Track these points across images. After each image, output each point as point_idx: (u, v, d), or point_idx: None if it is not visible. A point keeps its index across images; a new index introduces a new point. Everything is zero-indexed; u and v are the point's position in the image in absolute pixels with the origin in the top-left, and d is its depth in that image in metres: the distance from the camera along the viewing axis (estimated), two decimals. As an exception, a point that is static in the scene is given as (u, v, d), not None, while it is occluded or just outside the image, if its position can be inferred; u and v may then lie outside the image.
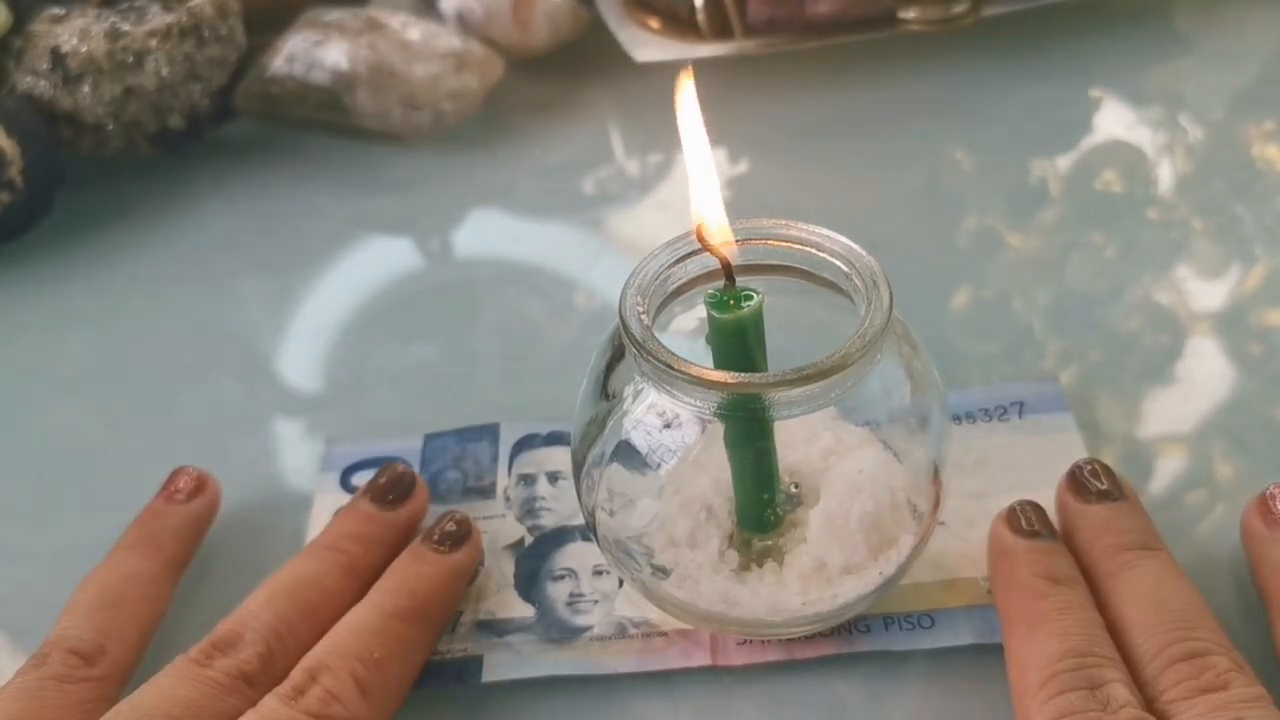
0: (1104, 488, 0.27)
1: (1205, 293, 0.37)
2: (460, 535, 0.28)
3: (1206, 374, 0.34)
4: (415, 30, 0.46)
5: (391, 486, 0.29)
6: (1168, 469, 0.31)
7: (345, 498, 0.31)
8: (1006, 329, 0.36)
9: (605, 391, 0.25)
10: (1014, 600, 0.25)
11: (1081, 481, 0.27)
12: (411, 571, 0.27)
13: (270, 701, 0.24)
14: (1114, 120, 0.45)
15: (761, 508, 0.26)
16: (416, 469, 0.32)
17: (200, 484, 0.30)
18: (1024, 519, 0.27)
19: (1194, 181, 0.42)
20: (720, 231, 0.24)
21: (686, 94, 0.24)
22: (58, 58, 0.43)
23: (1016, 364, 0.35)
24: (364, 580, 0.27)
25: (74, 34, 0.43)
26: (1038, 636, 0.24)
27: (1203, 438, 0.32)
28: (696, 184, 0.24)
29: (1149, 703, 0.23)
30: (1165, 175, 0.42)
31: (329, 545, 0.28)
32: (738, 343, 0.23)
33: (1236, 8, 0.51)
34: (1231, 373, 0.34)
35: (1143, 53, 0.49)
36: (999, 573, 0.26)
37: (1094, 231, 0.40)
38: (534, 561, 0.29)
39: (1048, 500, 0.28)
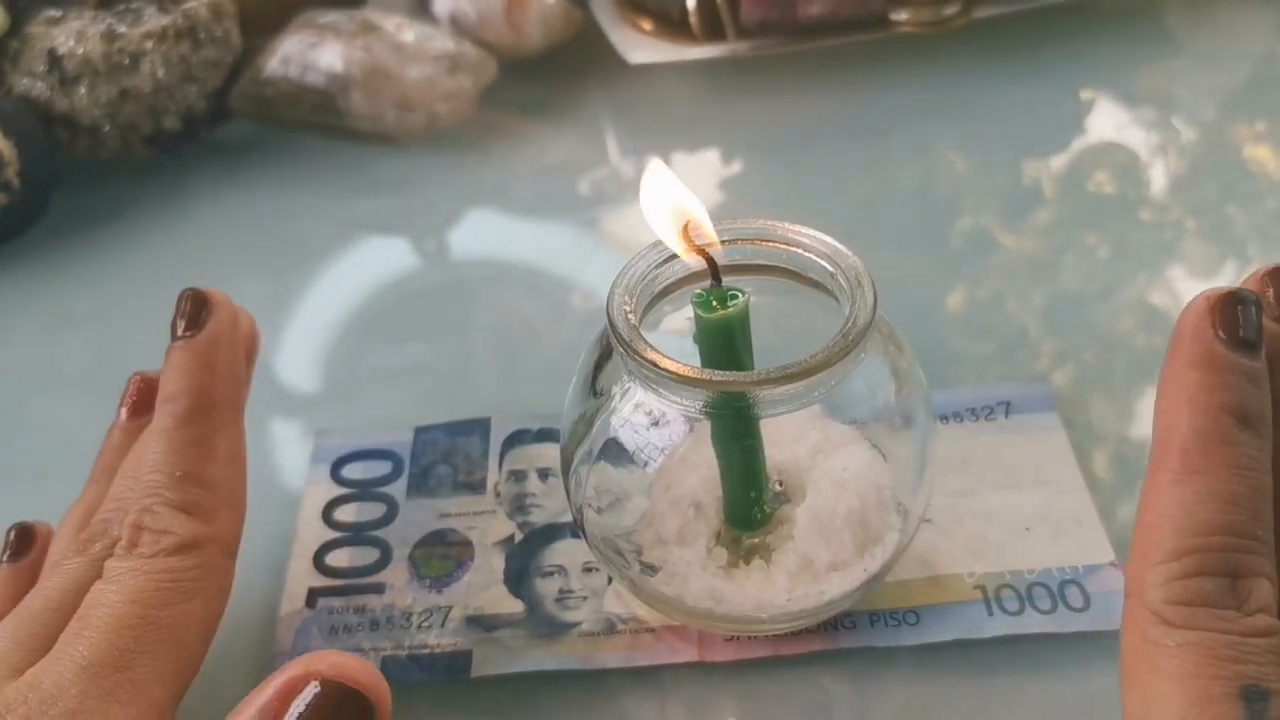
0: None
1: (1198, 293, 0.37)
2: (199, 311, 0.27)
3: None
4: (409, 32, 0.47)
5: (196, 306, 0.27)
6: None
7: (336, 489, 0.32)
8: (1000, 329, 0.36)
9: (594, 389, 0.26)
10: (1184, 428, 0.20)
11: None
12: (174, 374, 0.26)
13: (110, 563, 0.23)
14: (1106, 121, 0.46)
15: (749, 505, 0.26)
16: (407, 462, 0.32)
17: (144, 387, 0.30)
18: (1246, 323, 0.20)
19: (1186, 182, 0.42)
20: (708, 232, 0.24)
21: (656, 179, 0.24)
22: (54, 59, 0.43)
23: (1010, 364, 0.35)
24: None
25: (70, 36, 0.43)
26: (1193, 488, 0.19)
27: (1191, 437, 0.32)
28: (664, 197, 0.24)
29: None
30: (1157, 176, 0.42)
31: (165, 399, 0.26)
32: (724, 342, 0.23)
33: (1227, 9, 0.51)
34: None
35: (1134, 54, 0.49)
36: (1180, 382, 0.20)
37: (1087, 232, 0.40)
38: (524, 558, 0.29)
39: (1040, 498, 0.28)
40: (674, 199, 0.24)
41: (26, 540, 0.28)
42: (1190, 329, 0.21)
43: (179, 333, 0.27)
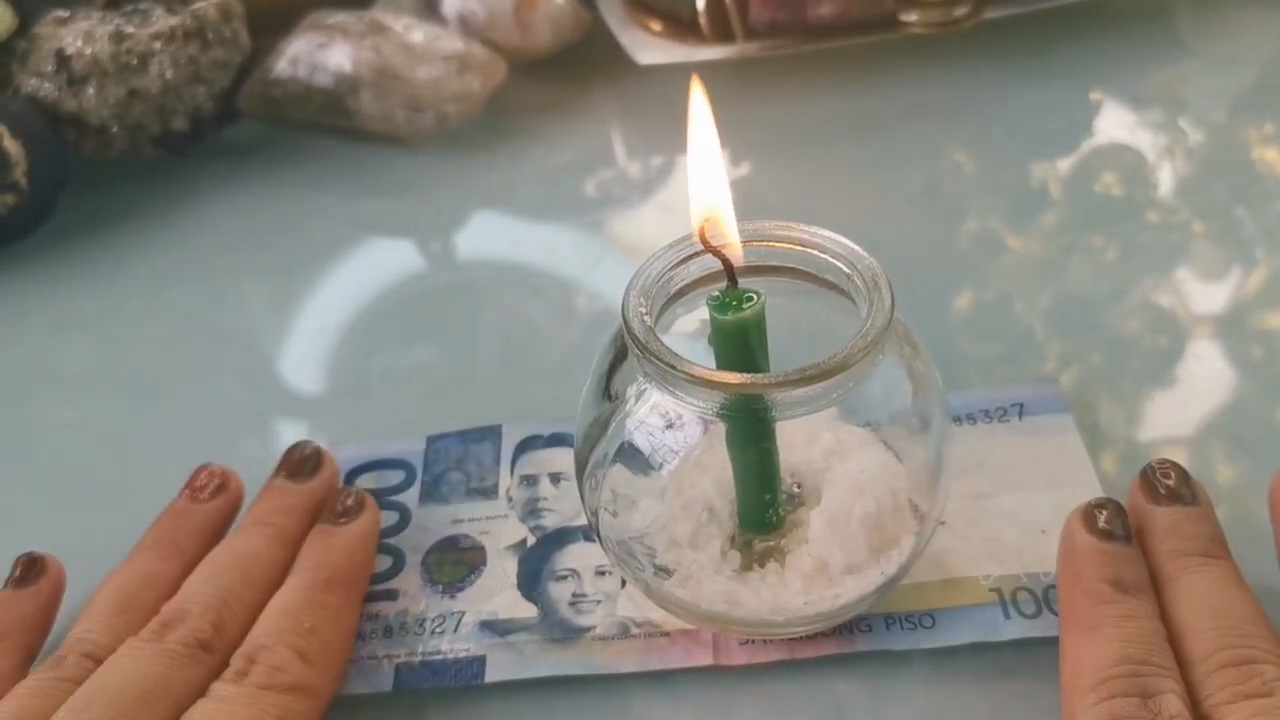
0: (1174, 488, 0.27)
1: (1206, 295, 0.37)
2: (356, 507, 0.29)
3: (1207, 376, 0.34)
4: (418, 33, 0.47)
5: (303, 463, 0.31)
6: (1168, 471, 0.31)
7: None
8: (1008, 331, 0.36)
9: (608, 392, 0.25)
10: (1076, 600, 0.25)
11: (1151, 481, 0.27)
12: (321, 547, 0.28)
13: (218, 686, 0.24)
14: (1115, 123, 0.45)
15: (763, 508, 0.26)
16: (419, 471, 0.32)
17: (223, 482, 0.31)
18: (1101, 518, 0.26)
19: (1194, 184, 0.42)
20: (729, 232, 0.24)
21: (697, 100, 0.24)
22: (62, 60, 0.43)
23: (1017, 366, 0.35)
24: (292, 548, 0.28)
25: (78, 36, 0.43)
26: (1095, 640, 0.24)
27: (1203, 440, 0.32)
28: (699, 187, 0.24)
29: (1195, 705, 0.22)
30: (1166, 178, 0.42)
31: (257, 521, 0.29)
32: (740, 344, 0.23)
33: (1236, 11, 0.51)
34: (1232, 375, 0.34)
35: (1143, 56, 0.49)
36: (1067, 570, 0.26)
37: (1095, 234, 0.40)
38: (536, 562, 0.29)
39: (1055, 499, 0.28)
40: (707, 191, 0.24)
41: (35, 570, 0.29)
42: (1069, 531, 0.26)
43: (331, 518, 0.29)
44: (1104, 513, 0.26)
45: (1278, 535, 0.26)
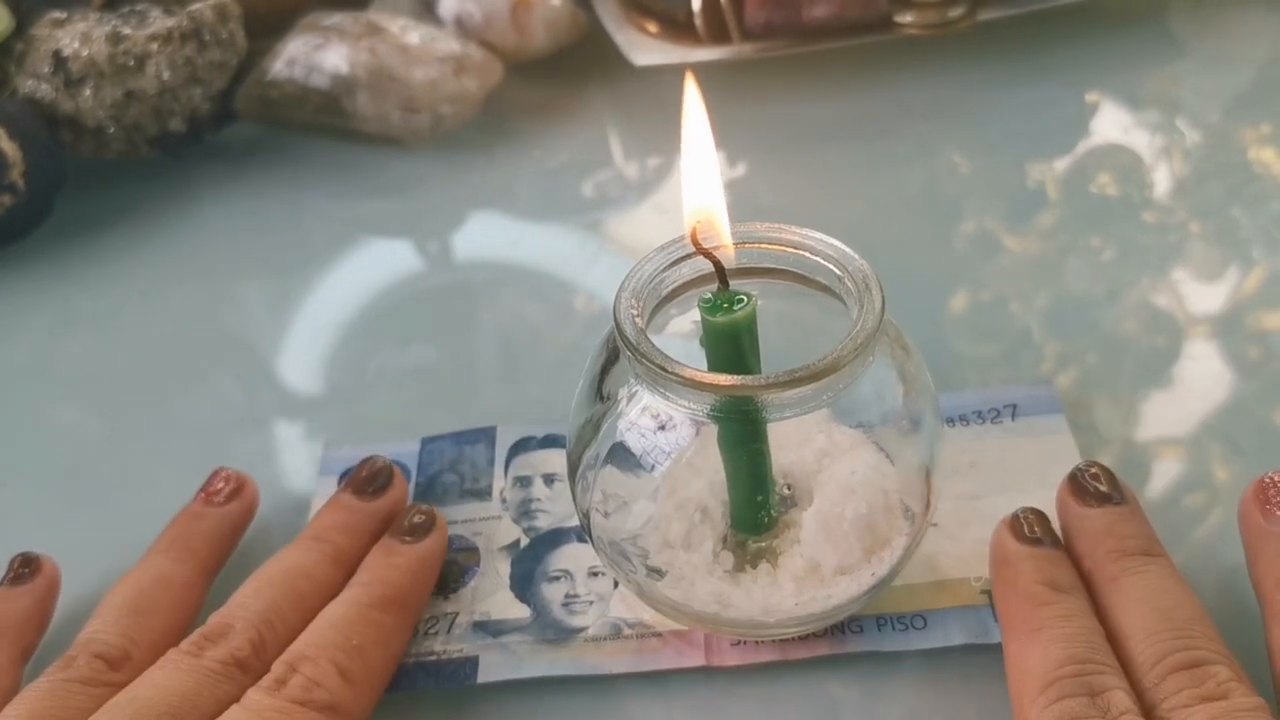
0: (1104, 491, 0.27)
1: (1202, 296, 0.37)
2: (426, 526, 0.29)
3: (1204, 377, 0.34)
4: (414, 34, 0.47)
5: (371, 479, 0.30)
6: (1165, 472, 0.31)
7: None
8: (1004, 332, 0.36)
9: (600, 394, 0.26)
10: (1015, 607, 0.25)
11: (1082, 484, 0.27)
12: (383, 563, 0.28)
13: (254, 694, 0.24)
14: (1111, 124, 0.45)
15: (755, 509, 0.26)
16: (414, 472, 0.32)
17: (239, 486, 0.31)
18: (1027, 526, 0.26)
19: (1191, 185, 0.42)
20: (722, 233, 0.24)
21: (692, 97, 0.24)
22: (59, 61, 0.43)
23: (1014, 367, 0.35)
24: (348, 569, 0.28)
25: (75, 38, 0.43)
26: (1038, 643, 0.24)
27: (1200, 441, 0.32)
28: (693, 188, 0.24)
29: (1148, 710, 0.23)
30: (1162, 178, 0.42)
31: (315, 536, 0.28)
32: (731, 345, 0.23)
33: (1232, 12, 0.51)
34: (1229, 376, 0.34)
35: (1139, 56, 0.49)
36: (1000, 579, 0.26)
37: (1091, 234, 0.40)
38: (529, 563, 0.29)
39: (1044, 502, 0.28)
40: (700, 191, 0.24)
41: (30, 569, 0.29)
42: (998, 543, 0.27)
43: (399, 534, 0.29)
44: (1029, 520, 0.27)
45: (1247, 550, 0.26)
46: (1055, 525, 0.27)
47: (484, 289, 0.41)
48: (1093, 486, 0.27)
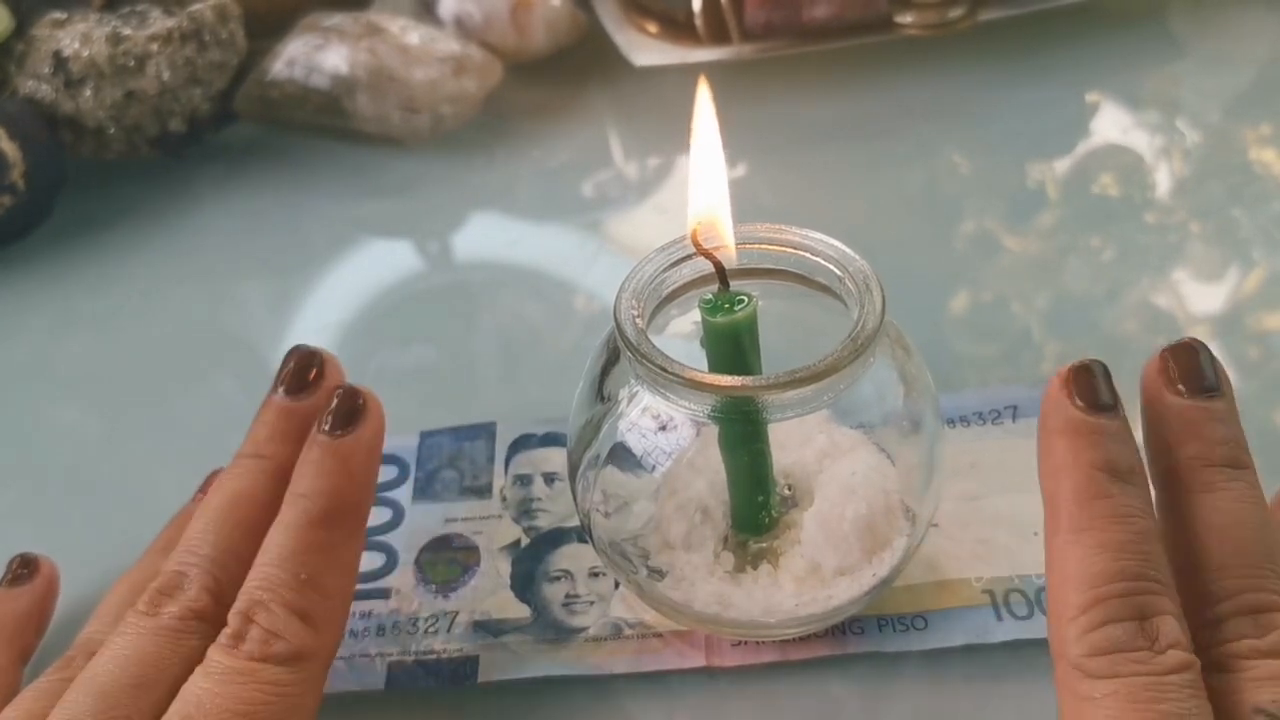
0: (1204, 377, 0.23)
1: (1203, 296, 0.37)
2: (352, 410, 0.26)
3: (1202, 377, 0.34)
4: (414, 35, 0.47)
5: (302, 370, 0.27)
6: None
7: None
8: (1004, 332, 0.36)
9: (601, 394, 0.26)
10: (1063, 493, 0.22)
11: (1175, 366, 0.23)
12: (315, 470, 0.25)
13: (214, 654, 0.23)
14: (1111, 124, 0.45)
15: (756, 510, 0.26)
16: (412, 467, 0.32)
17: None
18: (1097, 389, 0.22)
19: (1191, 185, 0.42)
20: (724, 235, 0.24)
21: (704, 100, 0.24)
22: (59, 61, 0.43)
23: (1014, 367, 0.35)
24: None
25: (76, 38, 0.43)
26: (1085, 544, 0.21)
27: (1198, 441, 0.32)
28: (700, 190, 0.24)
29: (1204, 646, 0.20)
30: (1162, 179, 0.42)
31: (252, 454, 0.26)
32: (732, 346, 0.23)
33: (1232, 12, 0.51)
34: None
35: (1139, 57, 0.49)
36: (1052, 451, 0.22)
37: (1091, 235, 0.40)
38: (530, 562, 0.29)
39: (1039, 504, 0.27)
40: (707, 194, 0.24)
41: (28, 570, 0.29)
42: (1051, 402, 0.23)
43: (326, 428, 0.25)
44: (1097, 380, 0.23)
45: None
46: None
47: (484, 289, 0.41)
48: (1191, 370, 0.23)
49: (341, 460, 0.25)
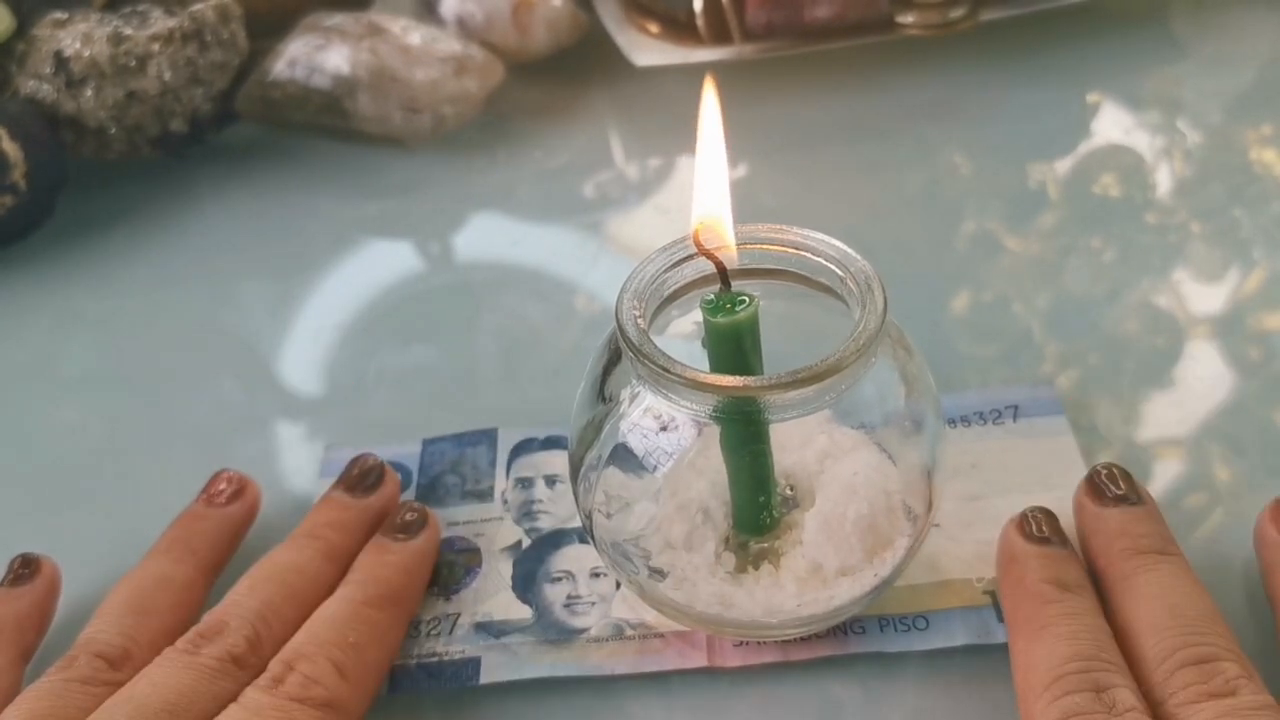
0: (1121, 492, 0.27)
1: (1203, 296, 0.37)
2: (417, 523, 0.29)
3: (1205, 378, 0.34)
4: (416, 35, 0.47)
5: (363, 476, 0.30)
6: (1166, 472, 0.31)
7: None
8: (1005, 332, 0.36)
9: (602, 395, 0.26)
10: (1021, 604, 0.25)
11: (1099, 485, 0.27)
12: (376, 561, 0.28)
13: (251, 692, 0.24)
14: (1112, 124, 0.45)
15: (757, 510, 0.26)
16: (415, 474, 0.32)
17: (240, 488, 0.31)
18: (1035, 525, 0.27)
19: (1192, 185, 0.42)
20: (727, 237, 0.24)
21: (709, 101, 0.24)
22: (60, 62, 0.43)
23: (1015, 367, 0.35)
24: (343, 565, 0.28)
25: (77, 38, 0.43)
26: (1044, 640, 0.24)
27: (1201, 441, 0.32)
28: (703, 192, 0.24)
29: (1155, 706, 0.23)
30: (1163, 179, 0.42)
31: (308, 534, 0.29)
32: (733, 346, 0.23)
33: (1233, 12, 0.51)
34: (1230, 376, 0.34)
35: (1140, 57, 0.49)
36: (1007, 577, 0.26)
37: (1092, 235, 0.40)
38: (531, 564, 0.29)
39: (1046, 502, 0.28)
40: (711, 196, 0.24)
41: (29, 570, 0.29)
42: (1004, 540, 0.27)
43: (390, 532, 0.29)
44: (1037, 519, 0.27)
45: (1264, 569, 0.27)
46: (1066, 525, 0.27)
47: (485, 290, 0.41)
48: (1109, 488, 0.27)
49: (399, 558, 0.28)
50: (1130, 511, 0.27)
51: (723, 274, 0.23)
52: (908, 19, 0.46)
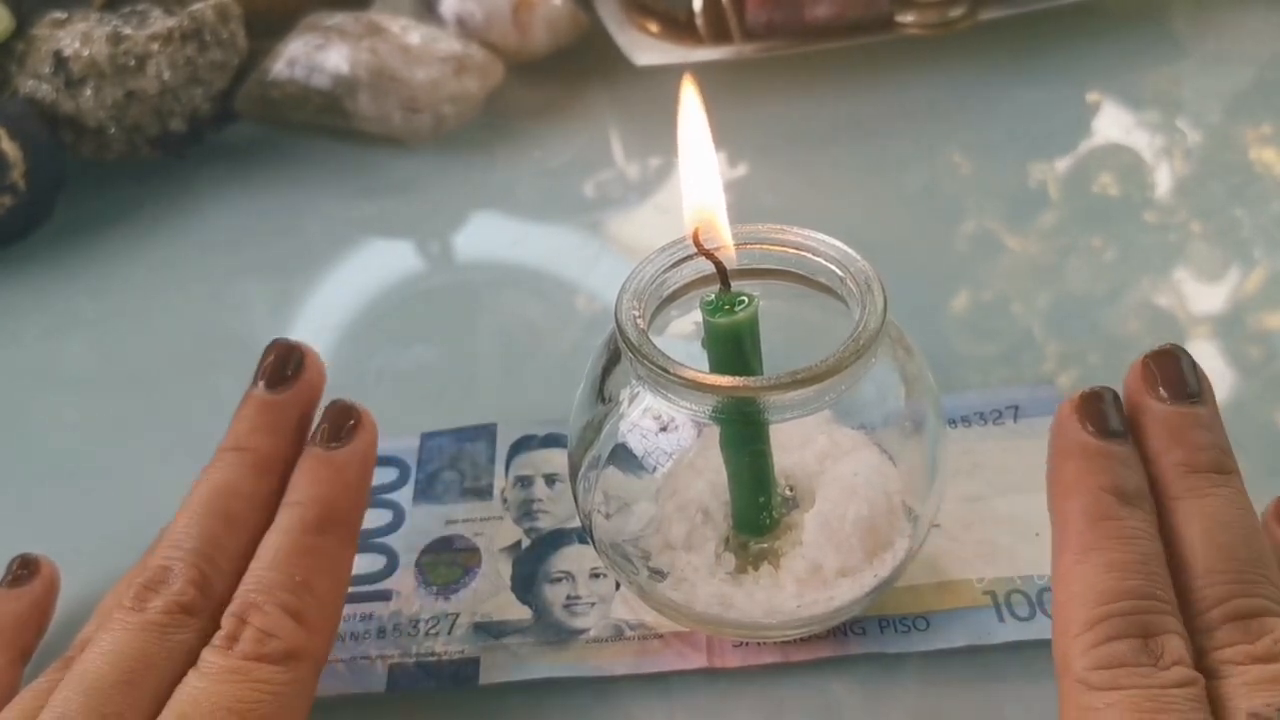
0: (1185, 383, 0.23)
1: (1204, 295, 0.37)
2: (350, 426, 0.26)
3: (1204, 377, 0.34)
4: (415, 34, 0.47)
5: (281, 364, 0.27)
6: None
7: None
8: (1005, 332, 0.36)
9: (602, 395, 0.25)
10: (1074, 513, 0.22)
11: (1157, 371, 0.23)
12: (312, 478, 0.26)
13: (208, 655, 0.23)
14: (1112, 123, 0.45)
15: (757, 511, 0.26)
16: (413, 468, 0.32)
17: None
18: (1107, 415, 0.23)
19: (1192, 184, 0.42)
20: (722, 233, 0.24)
21: (689, 99, 0.24)
22: (60, 61, 0.43)
23: (1015, 367, 0.35)
24: (278, 474, 0.26)
25: (76, 38, 0.43)
26: (1092, 564, 0.21)
27: (1199, 441, 0.32)
28: (692, 189, 0.24)
29: (1196, 654, 0.21)
30: (1163, 178, 0.42)
31: (233, 446, 0.26)
32: (733, 347, 0.23)
33: (1233, 12, 0.51)
34: (1230, 376, 0.34)
35: (1139, 56, 0.49)
36: (1062, 474, 0.23)
37: (1093, 234, 0.40)
38: (531, 564, 0.29)
39: (1041, 504, 0.27)
40: (700, 192, 0.24)
41: (28, 571, 0.29)
42: (1062, 426, 0.23)
43: (322, 441, 0.26)
44: (1107, 406, 0.23)
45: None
46: None
47: (485, 289, 0.41)
48: (1173, 376, 0.23)
49: (336, 470, 0.26)
50: (1190, 414, 0.23)
51: (722, 274, 0.23)
52: (907, 18, 0.46)
